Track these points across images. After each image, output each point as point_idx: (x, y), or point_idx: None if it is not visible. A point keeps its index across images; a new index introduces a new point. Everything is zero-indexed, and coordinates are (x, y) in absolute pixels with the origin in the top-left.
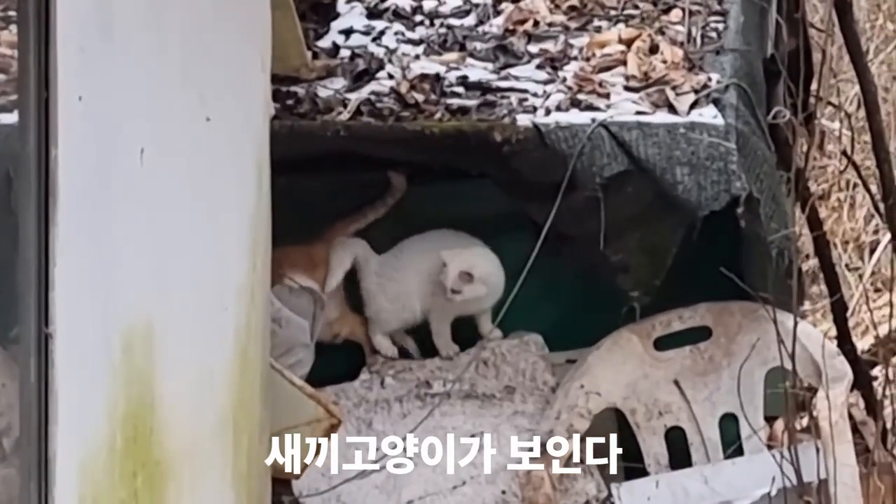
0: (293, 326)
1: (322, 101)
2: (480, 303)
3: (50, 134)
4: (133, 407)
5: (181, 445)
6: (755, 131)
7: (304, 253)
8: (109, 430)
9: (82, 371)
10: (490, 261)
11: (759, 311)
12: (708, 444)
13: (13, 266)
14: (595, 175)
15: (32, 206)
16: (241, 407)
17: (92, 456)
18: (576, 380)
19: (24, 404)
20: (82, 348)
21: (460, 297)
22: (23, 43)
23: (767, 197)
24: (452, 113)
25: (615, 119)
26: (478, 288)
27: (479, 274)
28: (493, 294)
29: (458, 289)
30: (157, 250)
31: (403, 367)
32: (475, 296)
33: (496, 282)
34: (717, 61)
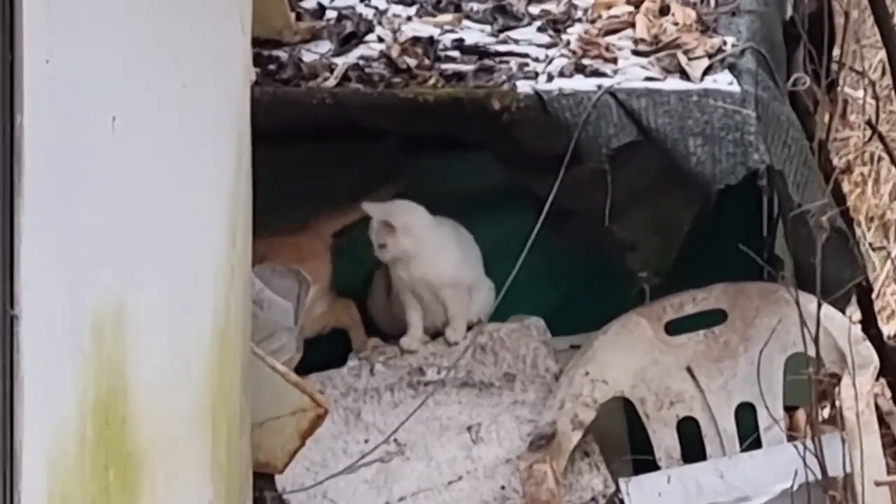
0: (276, 309)
1: (306, 66)
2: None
3: (14, 100)
4: (104, 395)
5: (156, 436)
6: (776, 96)
7: (293, 245)
8: (79, 420)
9: (50, 356)
10: (414, 210)
11: (778, 293)
12: (723, 435)
13: None
14: (601, 146)
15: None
16: (219, 395)
17: (61, 448)
18: (580, 367)
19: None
20: (49, 331)
21: (388, 254)
22: None
23: (798, 164)
24: (447, 79)
25: (623, 86)
26: (403, 241)
27: (399, 223)
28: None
29: (383, 241)
30: (129, 226)
31: (394, 353)
32: (402, 250)
33: (424, 234)
34: (732, 23)
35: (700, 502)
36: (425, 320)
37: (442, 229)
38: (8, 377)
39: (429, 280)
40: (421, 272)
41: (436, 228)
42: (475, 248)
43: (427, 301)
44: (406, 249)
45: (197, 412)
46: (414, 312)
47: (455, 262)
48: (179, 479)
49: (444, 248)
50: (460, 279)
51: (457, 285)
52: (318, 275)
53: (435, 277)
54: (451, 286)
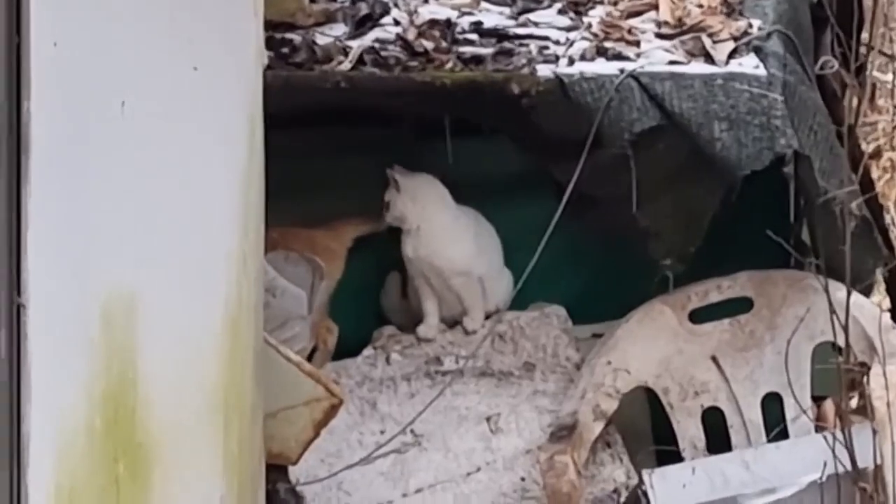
0: (289, 297)
1: (320, 49)
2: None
3: (22, 84)
4: (113, 385)
5: (166, 427)
6: (803, 80)
7: (307, 238)
8: (88, 411)
9: (58, 345)
10: (430, 184)
11: (805, 281)
12: (749, 426)
13: None
14: (624, 131)
15: (3, 164)
16: (231, 385)
17: (69, 439)
18: (602, 356)
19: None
20: (58, 320)
21: (390, 215)
22: None
23: (824, 150)
24: (465, 62)
25: (646, 69)
26: (403, 204)
27: (406, 186)
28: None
29: (388, 199)
30: (139, 213)
31: (410, 342)
32: (400, 214)
33: (433, 212)
34: (758, 5)
35: (725, 494)
36: (441, 309)
37: (460, 217)
38: (15, 367)
39: (436, 264)
40: (428, 253)
41: (452, 213)
42: (495, 240)
43: (438, 288)
44: (405, 216)
45: (208, 403)
46: (429, 300)
47: (467, 252)
48: (190, 471)
49: (457, 234)
50: (469, 269)
51: (466, 275)
52: (329, 274)
53: (444, 262)
54: (461, 275)
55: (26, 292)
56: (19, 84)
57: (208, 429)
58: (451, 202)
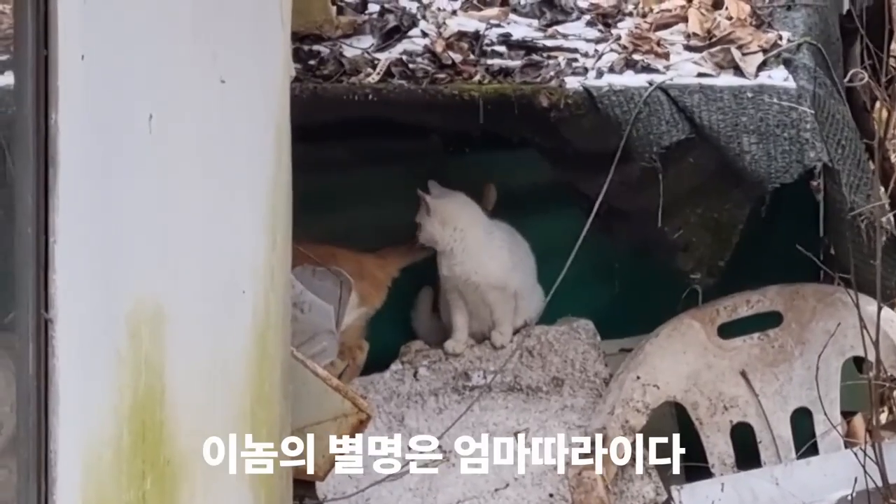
0: (317, 312)
1: (348, 61)
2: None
3: (49, 97)
4: (141, 400)
5: (194, 443)
6: (832, 94)
7: (356, 261)
8: (115, 426)
9: (85, 360)
10: (462, 204)
11: (835, 295)
12: (779, 441)
13: (9, 243)
14: (652, 144)
15: (30, 176)
16: (259, 400)
17: (96, 454)
18: (631, 371)
19: (22, 397)
20: (85, 335)
21: (421, 236)
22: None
23: (852, 165)
24: (493, 75)
25: (675, 82)
26: (434, 227)
27: (437, 208)
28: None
29: (419, 221)
30: (166, 226)
31: (438, 357)
32: (430, 236)
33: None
34: (787, 17)
35: None
36: (471, 324)
37: (494, 233)
38: (42, 381)
39: (473, 280)
40: (464, 270)
41: (485, 229)
42: (529, 255)
43: (472, 303)
44: (436, 237)
45: (236, 418)
46: (459, 315)
47: (502, 266)
48: (218, 487)
49: (492, 250)
50: (506, 283)
51: (502, 289)
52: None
53: (480, 278)
54: (496, 289)
55: (53, 307)
56: (47, 97)
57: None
58: (484, 218)
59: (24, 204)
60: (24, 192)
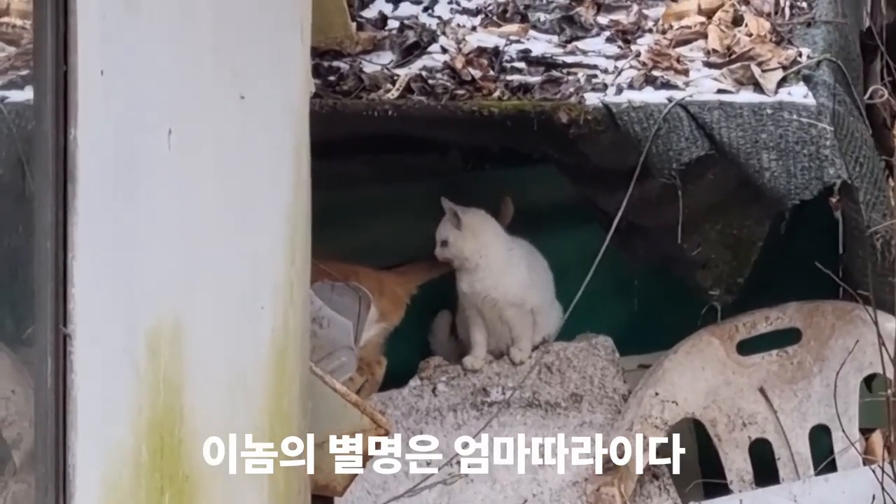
0: (335, 327)
1: (368, 77)
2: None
3: (69, 112)
4: (160, 416)
5: (213, 458)
6: (852, 111)
7: (377, 280)
8: (134, 442)
9: (104, 375)
10: (486, 220)
11: (854, 312)
12: (797, 458)
13: (28, 259)
14: (672, 160)
15: (49, 192)
16: (277, 416)
17: (115, 470)
18: (650, 387)
19: (40, 412)
20: (104, 350)
21: (448, 252)
22: (39, 11)
23: (869, 183)
24: (513, 91)
25: (694, 98)
26: (464, 242)
27: (467, 222)
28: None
29: (445, 237)
30: (185, 242)
31: (457, 372)
32: (460, 251)
33: (491, 247)
34: (807, 34)
35: None
36: (490, 341)
37: (514, 249)
38: (61, 397)
39: (492, 297)
40: (485, 287)
41: (506, 245)
42: (547, 272)
43: (491, 320)
44: (464, 252)
45: (255, 433)
46: (478, 331)
47: (521, 283)
48: (236, 502)
49: (512, 267)
50: (524, 300)
51: (521, 306)
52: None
53: (499, 295)
54: (514, 306)
55: (72, 322)
56: (66, 113)
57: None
58: (505, 235)
59: (44, 219)
60: (44, 207)
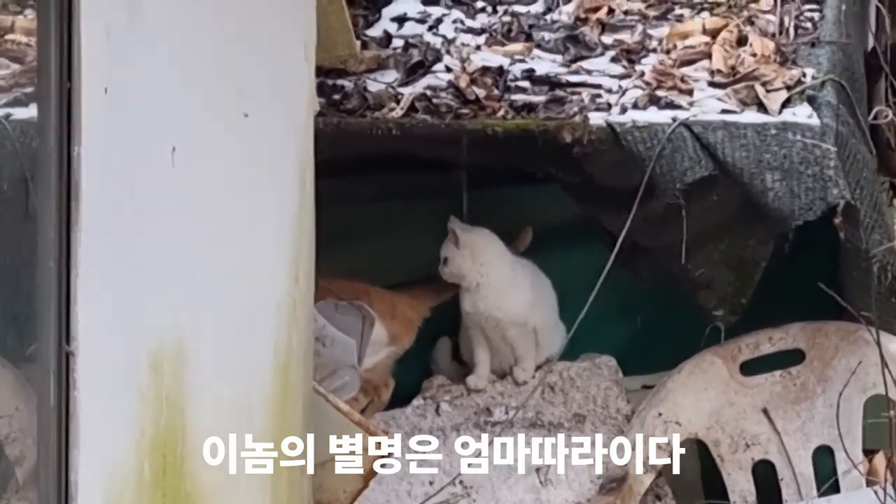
0: (339, 346)
1: (372, 95)
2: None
3: (72, 130)
4: (162, 435)
5: (215, 477)
6: (854, 133)
7: (389, 301)
8: (136, 460)
9: (107, 393)
10: (489, 239)
11: (857, 333)
12: (800, 479)
13: (31, 276)
14: (676, 180)
15: (52, 209)
16: (280, 434)
17: (117, 488)
18: (653, 407)
19: (43, 430)
20: (107, 368)
21: (447, 271)
22: (42, 28)
23: (869, 206)
24: (517, 110)
25: (698, 118)
26: (463, 261)
27: (466, 241)
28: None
29: (446, 255)
30: (189, 260)
31: (461, 392)
32: (459, 270)
33: (493, 267)
34: (812, 54)
35: None
36: (493, 360)
37: (517, 269)
38: (64, 416)
39: (495, 316)
40: (487, 306)
41: (510, 265)
42: (551, 293)
43: (493, 340)
44: (464, 272)
45: (257, 451)
46: (481, 350)
47: (524, 303)
48: None
49: (515, 286)
50: (527, 320)
51: (524, 325)
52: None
53: (502, 314)
54: (517, 325)
55: (75, 340)
56: (70, 129)
57: (258, 479)
58: (509, 255)
59: (47, 237)
60: (47, 225)
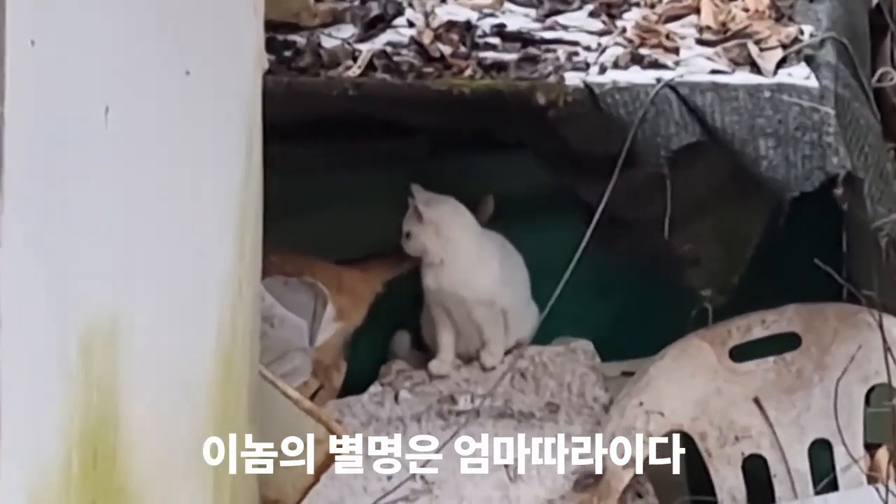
0: (288, 327)
1: (326, 52)
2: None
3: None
4: (93, 424)
5: (151, 470)
6: (857, 95)
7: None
8: (64, 452)
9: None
10: (455, 212)
11: (858, 316)
12: (795, 475)
13: None
14: (660, 147)
15: None
16: (223, 424)
17: (42, 483)
18: (633, 396)
19: None
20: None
21: (409, 246)
22: None
23: (874, 175)
24: (486, 69)
25: (685, 79)
26: (426, 236)
27: (430, 216)
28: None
29: (409, 229)
30: (124, 232)
31: (422, 378)
32: (422, 245)
33: (458, 242)
34: (810, 10)
35: None
36: (458, 343)
37: (485, 243)
38: None
39: (459, 294)
40: (452, 283)
41: (477, 240)
42: (522, 269)
43: (459, 320)
44: (427, 247)
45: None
46: (445, 332)
47: (492, 280)
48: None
49: (483, 262)
50: (495, 299)
51: (492, 305)
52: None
53: (468, 292)
54: (484, 305)
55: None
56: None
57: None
58: (477, 227)
59: None
60: None
